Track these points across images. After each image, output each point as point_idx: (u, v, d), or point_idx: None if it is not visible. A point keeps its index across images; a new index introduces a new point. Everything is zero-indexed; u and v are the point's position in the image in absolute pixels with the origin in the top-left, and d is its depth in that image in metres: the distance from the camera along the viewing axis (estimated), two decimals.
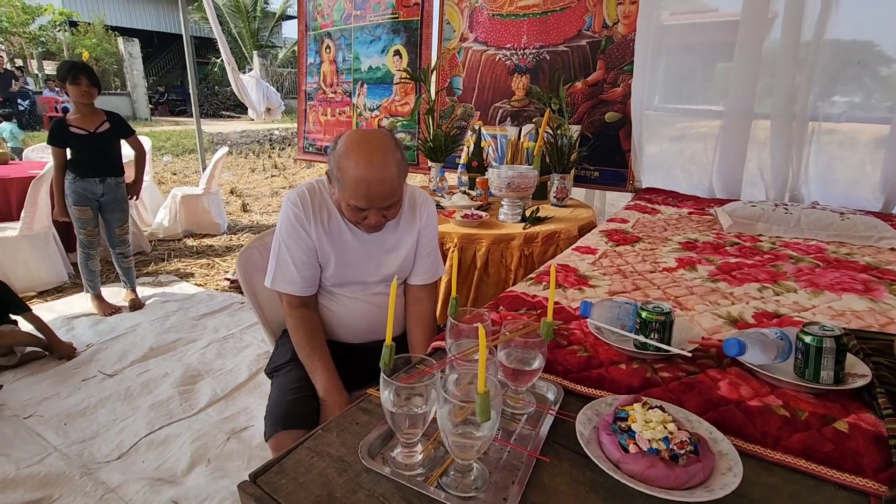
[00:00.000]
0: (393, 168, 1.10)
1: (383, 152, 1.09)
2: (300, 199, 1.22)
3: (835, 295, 1.26)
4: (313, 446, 0.68)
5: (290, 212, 1.22)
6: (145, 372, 2.24)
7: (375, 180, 1.08)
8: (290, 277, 1.24)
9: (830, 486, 0.64)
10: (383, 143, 1.11)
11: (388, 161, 1.09)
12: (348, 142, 1.11)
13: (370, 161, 1.08)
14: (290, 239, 1.22)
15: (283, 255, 1.24)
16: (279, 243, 1.24)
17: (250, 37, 17.10)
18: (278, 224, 1.26)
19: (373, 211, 1.12)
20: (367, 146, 1.09)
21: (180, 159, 8.94)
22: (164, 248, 4.14)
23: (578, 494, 0.61)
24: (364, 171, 1.07)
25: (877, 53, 2.36)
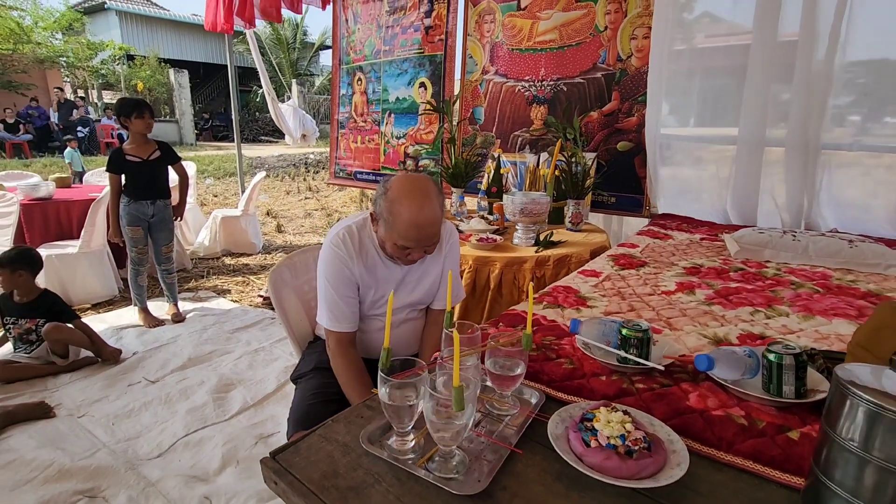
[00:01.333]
0: (439, 213, 1.21)
1: (432, 199, 1.20)
2: (342, 242, 1.30)
3: (825, 319, 1.31)
4: (324, 433, 0.81)
5: (333, 254, 1.30)
6: (184, 380, 2.43)
7: (426, 224, 1.18)
8: (343, 316, 1.32)
9: (772, 485, 0.71)
10: (431, 189, 1.21)
11: (435, 207, 1.20)
12: (399, 188, 1.20)
13: (422, 208, 1.17)
14: (338, 280, 1.30)
15: (333, 296, 1.31)
16: (327, 286, 1.31)
17: (289, 66, 18.04)
18: (322, 266, 1.32)
19: (417, 249, 1.23)
20: (418, 194, 1.19)
21: (221, 182, 9.45)
22: (204, 266, 4.42)
23: (544, 482, 0.72)
24: (416, 217, 1.17)
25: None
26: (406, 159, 3.81)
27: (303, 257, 1.71)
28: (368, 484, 0.69)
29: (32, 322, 2.49)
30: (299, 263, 1.70)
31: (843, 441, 0.54)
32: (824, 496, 0.56)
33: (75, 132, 11.40)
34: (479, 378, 0.83)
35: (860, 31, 2.19)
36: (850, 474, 0.53)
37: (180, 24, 17.70)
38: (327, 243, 1.32)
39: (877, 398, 0.51)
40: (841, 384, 0.55)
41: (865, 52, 2.27)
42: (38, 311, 2.50)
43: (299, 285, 1.68)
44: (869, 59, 2.31)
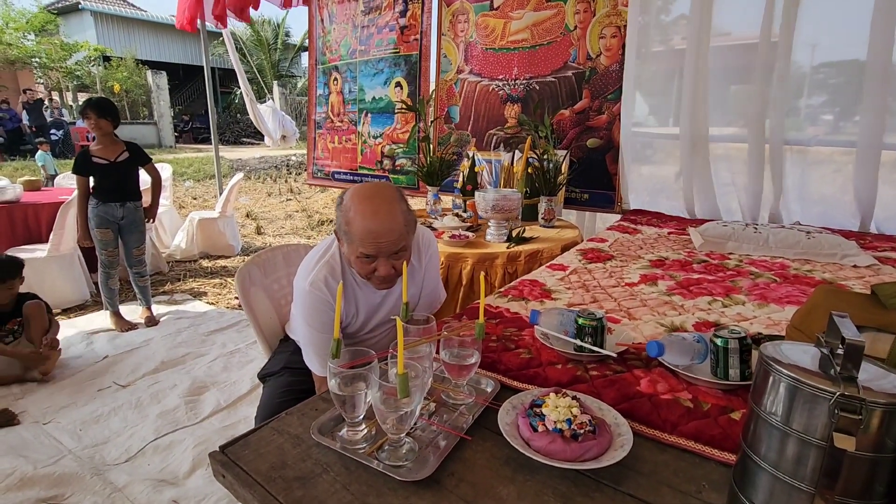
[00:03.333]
0: (398, 217, 1.12)
1: (389, 202, 1.13)
2: (321, 282, 1.20)
3: (778, 307, 1.35)
4: (276, 426, 0.81)
5: (316, 300, 1.20)
6: (156, 383, 2.39)
7: (383, 229, 1.10)
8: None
9: (712, 463, 0.74)
10: (387, 194, 1.15)
11: (393, 211, 1.12)
12: (353, 196, 1.14)
13: (376, 212, 1.10)
14: (324, 326, 1.21)
15: (319, 341, 1.22)
16: (313, 333, 1.22)
17: (271, 67, 17.88)
18: (303, 312, 1.23)
19: (382, 261, 1.13)
20: (374, 198, 1.12)
21: (201, 184, 9.32)
22: (181, 269, 4.36)
23: (492, 467, 0.73)
24: (370, 221, 1.09)
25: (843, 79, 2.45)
26: (383, 159, 3.81)
27: (271, 255, 1.70)
28: (316, 473, 0.70)
29: (14, 323, 2.46)
30: (268, 262, 1.69)
31: (767, 416, 0.56)
32: (751, 471, 0.58)
33: (48, 135, 11.13)
34: (430, 367, 0.84)
35: (816, 35, 2.30)
36: (773, 448, 0.55)
37: (158, 25, 17.41)
38: (306, 288, 1.21)
39: (795, 373, 0.53)
40: (764, 361, 0.57)
41: (824, 55, 2.38)
42: (18, 311, 2.48)
43: (268, 284, 1.67)
44: (828, 60, 2.42)
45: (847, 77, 2.43)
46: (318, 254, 1.28)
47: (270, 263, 1.68)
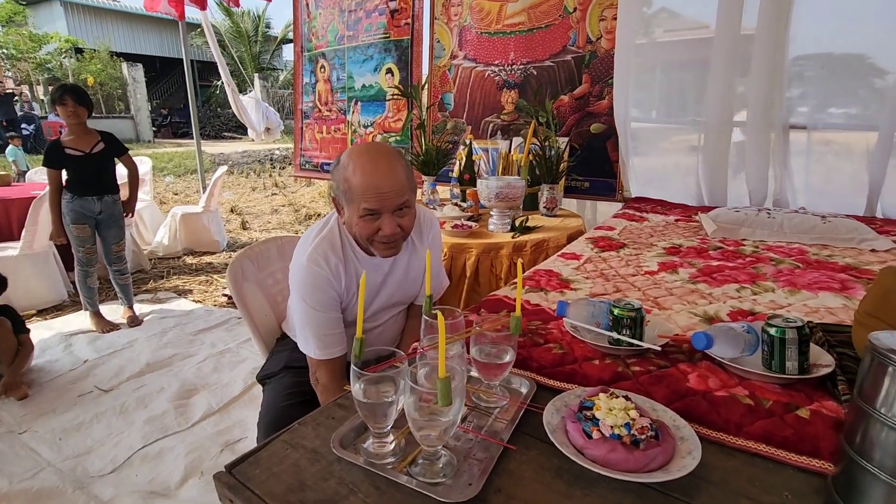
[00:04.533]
0: (399, 170, 1.08)
1: (388, 157, 1.09)
2: (324, 260, 1.13)
3: (811, 293, 1.28)
4: (289, 439, 0.70)
5: (315, 275, 1.12)
6: (141, 387, 2.25)
7: (385, 177, 1.05)
8: (334, 339, 1.15)
9: (788, 469, 0.65)
10: (384, 148, 1.12)
11: (392, 162, 1.08)
12: (350, 154, 1.09)
13: (376, 162, 1.06)
14: (322, 303, 1.14)
15: (319, 321, 1.14)
16: (311, 312, 1.13)
17: (251, 60, 17.44)
18: (301, 289, 1.14)
19: (386, 218, 1.07)
20: (371, 151, 1.09)
21: (182, 180, 9.05)
22: (164, 266, 4.18)
23: (543, 480, 0.63)
24: (371, 172, 1.05)
25: (850, 66, 2.43)
26: None
27: (265, 248, 1.58)
28: (342, 496, 0.59)
29: None
30: (261, 255, 1.57)
31: (885, 417, 0.48)
32: (862, 480, 0.50)
33: (19, 129, 10.70)
34: (465, 368, 0.74)
35: (812, 27, 2.27)
36: (892, 454, 0.47)
37: (132, 16, 16.86)
38: (303, 262, 1.13)
39: None
40: (879, 353, 0.48)
41: (813, 46, 2.36)
42: None
43: (262, 279, 1.55)
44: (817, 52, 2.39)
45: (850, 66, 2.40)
46: (317, 229, 1.20)
47: (264, 257, 1.57)
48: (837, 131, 2.50)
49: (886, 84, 2.32)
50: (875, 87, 2.41)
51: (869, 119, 2.38)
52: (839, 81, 2.45)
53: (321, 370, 1.16)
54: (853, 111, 2.45)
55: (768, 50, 2.28)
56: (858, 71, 2.42)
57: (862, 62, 2.41)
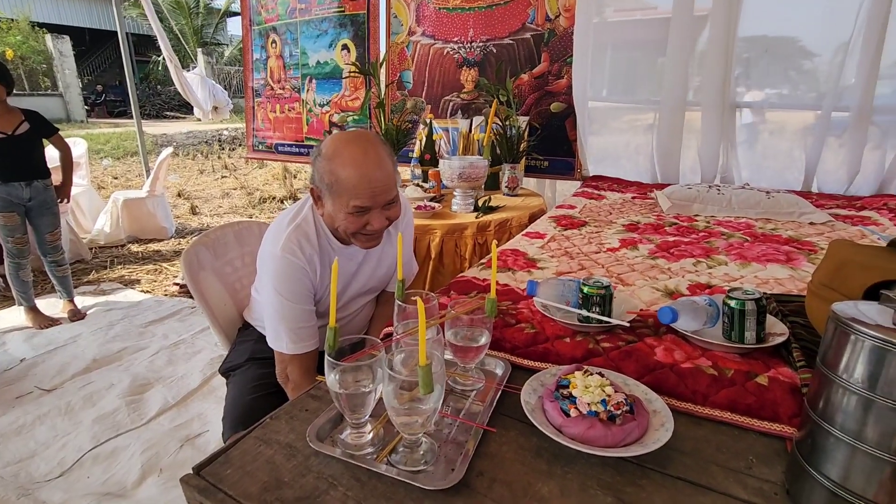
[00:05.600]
0: (388, 162, 1.04)
1: (376, 145, 1.04)
2: (295, 247, 1.07)
3: (760, 265, 1.35)
4: (261, 435, 0.67)
5: (289, 265, 1.07)
6: (88, 384, 2.12)
7: (375, 170, 1.01)
8: (307, 332, 1.10)
9: (752, 434, 0.69)
10: (372, 138, 1.06)
11: (381, 154, 1.03)
12: (335, 143, 1.03)
13: (366, 153, 1.01)
14: (297, 294, 1.09)
15: (292, 314, 1.08)
16: (285, 304, 1.08)
17: (193, 34, 16.36)
18: (275, 281, 1.07)
19: (375, 212, 1.04)
20: (359, 140, 1.03)
21: (121, 163, 8.48)
22: (107, 256, 3.93)
23: (524, 460, 0.64)
24: (362, 165, 1.00)
25: (793, 49, 2.55)
26: (332, 128, 3.55)
27: (221, 234, 1.50)
28: (322, 490, 0.58)
29: None
30: (217, 242, 1.49)
31: (846, 383, 0.50)
32: (825, 443, 0.52)
33: None
34: (442, 353, 0.73)
35: (759, 10, 2.35)
36: (853, 417, 0.50)
37: None
38: (276, 252, 1.07)
39: (882, 333, 0.47)
40: (842, 323, 0.51)
41: (759, 28, 2.45)
42: None
43: (220, 267, 1.48)
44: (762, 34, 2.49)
45: (790, 48, 2.52)
46: (289, 217, 1.13)
47: (221, 243, 1.49)
48: (778, 111, 2.63)
49: (823, 66, 2.45)
50: (812, 69, 2.55)
51: (807, 100, 2.52)
52: (780, 63, 2.57)
53: (293, 366, 1.10)
54: (792, 92, 2.58)
55: (720, 31, 2.34)
56: (797, 53, 2.54)
57: (800, 45, 2.53)
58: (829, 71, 2.37)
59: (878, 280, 0.69)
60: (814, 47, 2.49)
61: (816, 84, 2.49)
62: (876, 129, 2.26)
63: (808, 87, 2.54)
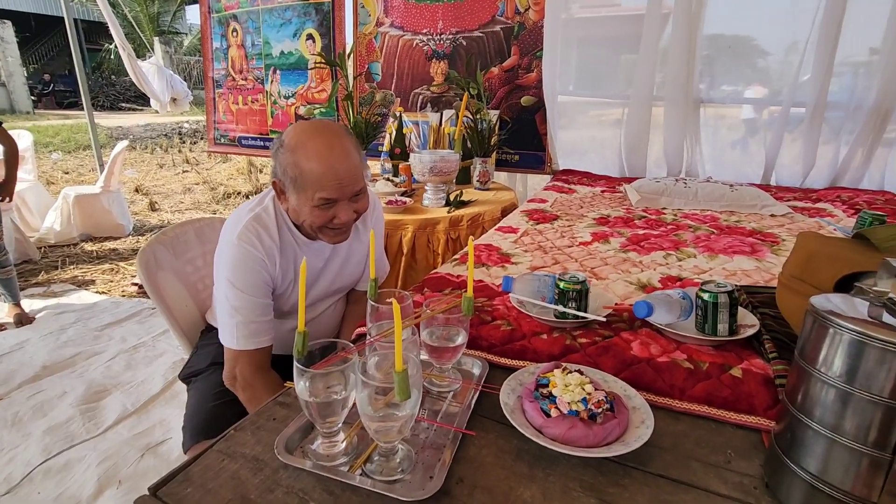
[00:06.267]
0: (354, 152, 1.00)
1: (340, 137, 1.00)
2: (253, 236, 1.02)
3: (727, 257, 1.38)
4: (224, 448, 0.63)
5: (246, 254, 1.01)
6: (38, 393, 1.99)
7: (341, 161, 0.97)
8: (259, 329, 1.03)
9: (729, 427, 0.69)
10: (336, 128, 1.02)
11: (346, 144, 1.00)
12: (298, 134, 0.99)
13: (331, 145, 0.97)
14: (252, 286, 1.02)
15: (246, 306, 1.02)
16: (239, 296, 1.01)
17: (149, 22, 15.63)
18: (229, 271, 1.02)
19: (343, 204, 1.00)
20: (322, 130, 0.99)
21: (73, 156, 8.04)
22: (58, 255, 3.71)
23: (504, 464, 0.62)
24: (328, 155, 0.96)
25: (753, 47, 2.63)
26: (298, 121, 3.45)
27: (181, 231, 1.42)
28: None
29: None
30: (177, 240, 1.41)
31: (823, 376, 0.50)
32: (804, 436, 0.52)
33: None
34: (418, 354, 0.70)
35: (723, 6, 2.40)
36: (832, 410, 0.50)
37: None
38: (232, 240, 1.02)
39: (864, 328, 0.47)
40: (820, 316, 0.51)
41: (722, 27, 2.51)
42: None
43: (180, 267, 1.40)
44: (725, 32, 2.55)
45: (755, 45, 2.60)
46: (249, 206, 1.08)
47: (181, 242, 1.41)
48: (738, 106, 2.71)
49: (781, 64, 2.54)
50: (771, 66, 2.63)
51: (766, 96, 2.60)
52: (742, 60, 2.64)
53: (242, 362, 1.04)
54: (753, 88, 2.66)
55: (684, 29, 2.38)
56: (758, 51, 2.62)
57: (760, 43, 2.61)
58: (787, 69, 2.46)
59: (847, 272, 0.70)
60: (773, 46, 2.57)
61: (775, 81, 2.58)
62: (827, 124, 2.35)
63: (767, 84, 2.62)
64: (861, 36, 2.24)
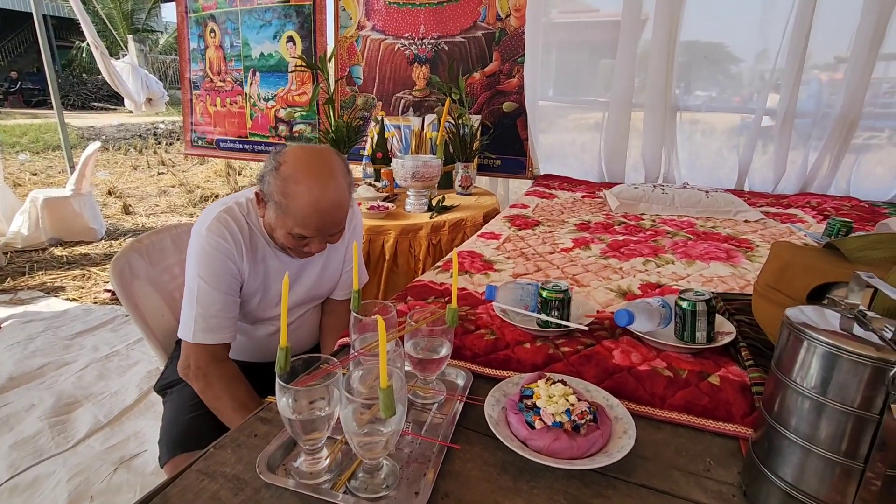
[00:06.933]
0: (346, 193, 1.00)
1: (337, 177, 0.98)
2: (224, 227, 1.02)
3: (704, 264, 1.41)
4: (204, 468, 0.61)
5: (212, 244, 1.01)
6: (4, 406, 1.91)
7: (331, 208, 0.96)
8: (218, 324, 1.03)
9: (708, 435, 0.71)
10: (336, 164, 1.00)
11: (341, 186, 0.98)
12: (296, 162, 0.97)
13: (325, 187, 0.95)
14: (217, 278, 1.02)
15: (207, 299, 1.01)
16: (201, 285, 1.01)
17: (122, 19, 15.22)
18: (196, 262, 1.02)
19: (317, 239, 1.00)
20: (322, 169, 0.97)
21: (42, 157, 7.77)
22: (25, 261, 3.58)
23: (489, 477, 0.62)
24: (319, 198, 0.95)
25: (727, 54, 2.70)
26: (278, 124, 3.41)
27: (157, 239, 1.39)
28: None
29: None
30: (153, 248, 1.38)
31: (799, 387, 0.52)
32: (780, 445, 0.54)
33: None
34: (403, 367, 0.70)
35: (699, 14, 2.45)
36: (806, 421, 0.51)
37: None
38: (202, 231, 1.02)
39: (837, 340, 0.49)
40: (795, 328, 0.52)
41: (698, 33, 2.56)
42: None
43: (156, 275, 1.37)
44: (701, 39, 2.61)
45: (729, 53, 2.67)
46: (223, 201, 1.08)
47: (157, 249, 1.38)
48: (714, 113, 2.78)
49: (754, 71, 2.61)
50: (744, 73, 2.70)
51: (739, 103, 2.67)
52: (717, 67, 2.70)
53: (198, 353, 1.02)
54: (727, 95, 2.73)
55: (662, 36, 2.43)
56: (731, 59, 2.69)
57: (734, 51, 2.68)
58: (760, 76, 2.53)
59: (820, 282, 0.72)
60: (745, 53, 2.64)
61: (748, 88, 2.65)
62: (796, 131, 2.43)
63: (740, 91, 2.69)
64: (829, 45, 2.32)
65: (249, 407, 1.00)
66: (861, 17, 2.13)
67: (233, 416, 1.00)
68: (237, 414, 0.99)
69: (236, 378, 1.05)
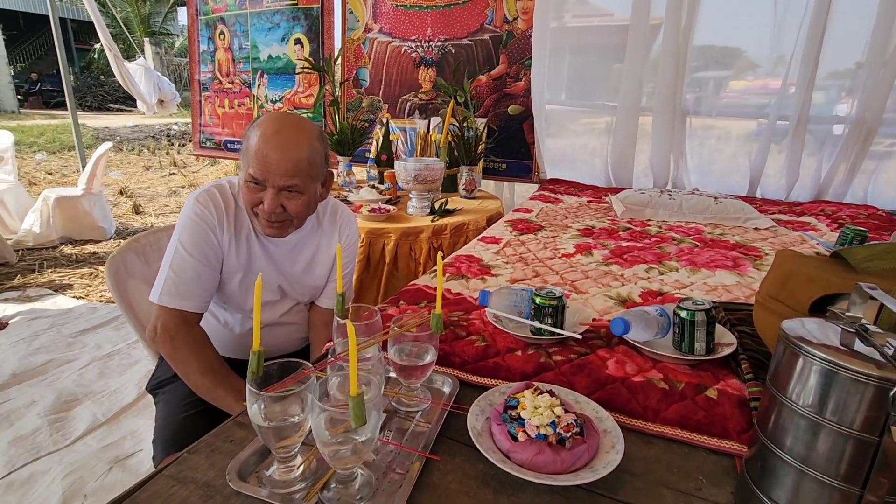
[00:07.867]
0: (302, 148, 1.00)
1: (298, 131, 1.00)
2: (210, 199, 1.06)
3: (709, 272, 1.37)
4: (175, 473, 0.60)
5: (196, 212, 1.04)
6: (5, 402, 1.92)
7: (281, 146, 0.97)
8: (187, 291, 1.03)
9: (702, 452, 0.67)
10: (298, 122, 1.03)
11: (298, 139, 0.99)
12: (264, 116, 1.03)
13: (279, 130, 0.98)
14: (195, 246, 1.04)
15: (181, 264, 1.03)
16: (178, 249, 1.04)
17: (140, 22, 15.49)
18: (179, 228, 1.06)
19: (270, 192, 0.99)
20: (280, 119, 1.01)
21: (58, 157, 7.91)
22: (35, 258, 3.62)
23: (468, 491, 0.59)
24: (270, 136, 0.97)
25: (740, 59, 2.65)
26: None
27: (154, 238, 1.38)
28: None
29: None
30: (149, 247, 1.37)
31: (795, 406, 0.49)
32: (774, 465, 0.51)
33: None
34: (383, 374, 0.67)
35: (712, 19, 2.41)
36: (802, 441, 0.48)
37: None
38: (191, 200, 1.06)
39: (835, 357, 0.45)
40: (791, 342, 0.49)
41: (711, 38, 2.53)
42: None
43: (151, 275, 1.34)
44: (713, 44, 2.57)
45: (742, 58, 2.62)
46: (221, 180, 1.12)
47: (153, 249, 1.37)
48: (725, 118, 2.72)
49: (768, 76, 2.55)
50: (760, 78, 2.65)
51: (752, 108, 2.62)
52: (728, 72, 2.66)
53: (165, 316, 1.03)
54: (739, 100, 2.68)
55: (673, 40, 2.40)
56: (745, 64, 2.64)
57: (747, 56, 2.63)
58: (773, 81, 2.47)
59: (822, 293, 0.69)
60: (760, 58, 2.59)
61: (761, 94, 2.60)
62: (811, 137, 2.37)
63: (753, 97, 2.64)
64: (846, 50, 2.27)
65: (218, 371, 1.01)
66: (876, 21, 2.07)
67: (201, 381, 1.01)
68: (206, 378, 1.00)
69: (205, 342, 1.07)
